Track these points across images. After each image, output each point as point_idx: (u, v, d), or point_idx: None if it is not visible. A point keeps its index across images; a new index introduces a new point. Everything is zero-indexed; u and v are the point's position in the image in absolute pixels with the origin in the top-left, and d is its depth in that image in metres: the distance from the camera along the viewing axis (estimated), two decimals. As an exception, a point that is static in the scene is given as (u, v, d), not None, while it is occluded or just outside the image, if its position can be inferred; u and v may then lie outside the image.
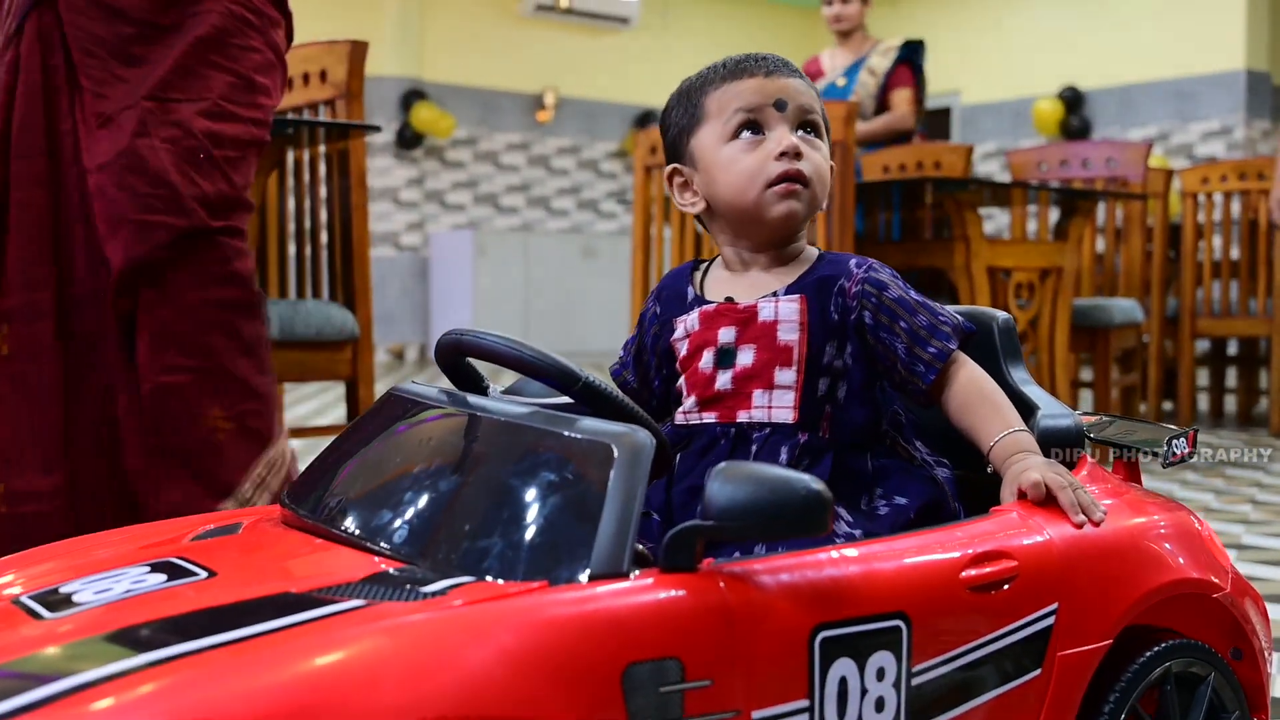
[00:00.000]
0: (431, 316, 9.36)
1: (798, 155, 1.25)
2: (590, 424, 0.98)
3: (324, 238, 2.77)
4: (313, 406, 5.65)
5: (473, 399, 1.08)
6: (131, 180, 1.58)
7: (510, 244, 9.13)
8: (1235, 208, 5.07)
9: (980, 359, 1.29)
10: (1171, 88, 8.63)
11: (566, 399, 1.09)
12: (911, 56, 4.51)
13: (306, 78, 2.77)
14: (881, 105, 4.51)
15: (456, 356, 1.13)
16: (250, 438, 1.66)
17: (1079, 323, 3.99)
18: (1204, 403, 5.80)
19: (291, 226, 2.83)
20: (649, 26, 10.18)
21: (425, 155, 9.37)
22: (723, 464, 0.92)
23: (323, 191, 2.76)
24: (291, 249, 2.84)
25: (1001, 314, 1.37)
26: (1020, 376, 1.34)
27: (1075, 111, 9.06)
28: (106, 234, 1.59)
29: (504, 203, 9.80)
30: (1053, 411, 1.28)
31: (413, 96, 9.05)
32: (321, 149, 2.72)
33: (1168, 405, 5.48)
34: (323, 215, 2.76)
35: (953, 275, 3.54)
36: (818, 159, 1.27)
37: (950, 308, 1.30)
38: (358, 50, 2.65)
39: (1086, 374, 5.11)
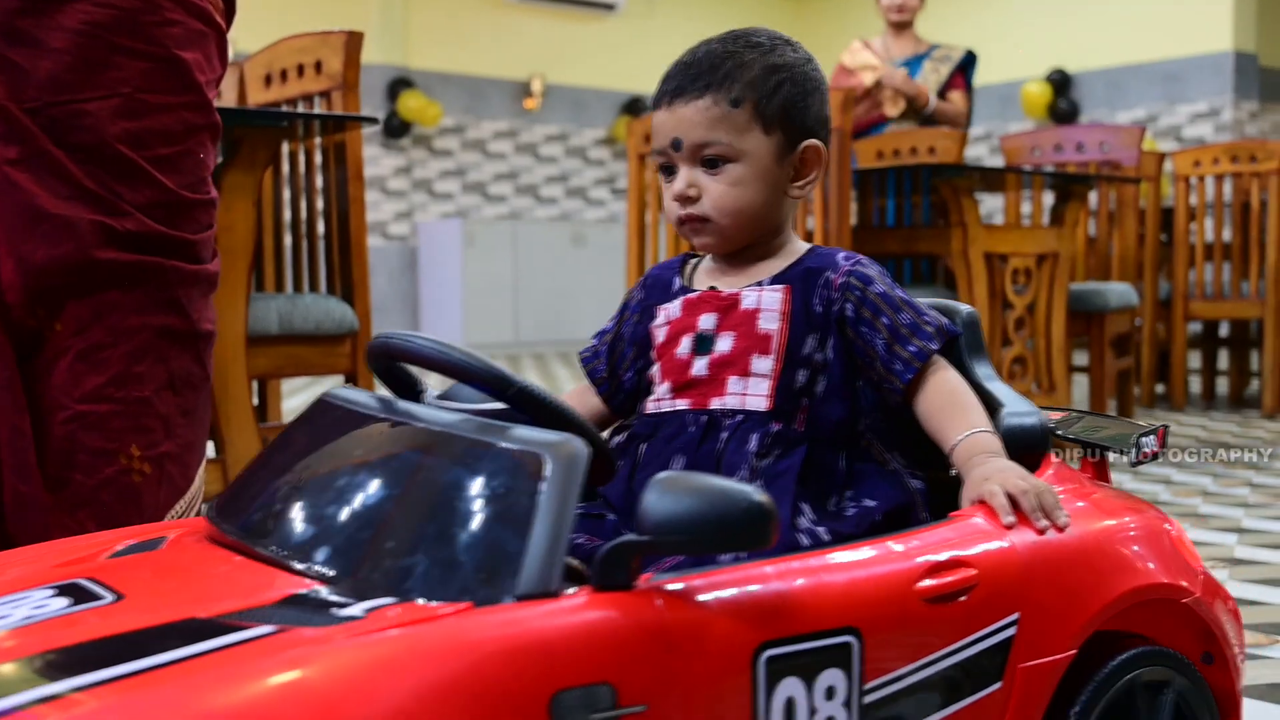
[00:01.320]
0: (420, 306, 9.31)
1: (689, 199, 1.25)
2: (522, 432, 0.93)
3: (320, 230, 2.72)
4: (305, 399, 5.61)
5: (402, 405, 1.03)
6: (50, 181, 1.40)
7: (499, 232, 9.07)
8: (1227, 190, 5.04)
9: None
10: (1159, 70, 8.56)
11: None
12: (968, 66, 4.77)
13: (301, 69, 2.73)
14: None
15: (387, 360, 1.08)
16: (168, 485, 1.47)
17: (1074, 307, 3.96)
18: (1196, 385, 5.76)
19: (288, 216, 2.79)
20: (635, 13, 10.10)
21: (413, 144, 9.30)
22: (660, 475, 0.87)
23: (318, 182, 2.71)
24: (288, 241, 2.80)
25: (966, 307, 1.33)
26: (984, 372, 1.29)
27: (1063, 94, 8.99)
28: (21, 229, 1.39)
29: (492, 191, 9.73)
30: (1017, 409, 1.23)
31: (399, 85, 8.97)
32: (317, 141, 2.68)
33: (1160, 388, 5.43)
34: (319, 206, 2.72)
35: (950, 261, 3.50)
36: (718, 190, 1.25)
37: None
38: (353, 41, 2.61)
39: (1079, 359, 5.07)
